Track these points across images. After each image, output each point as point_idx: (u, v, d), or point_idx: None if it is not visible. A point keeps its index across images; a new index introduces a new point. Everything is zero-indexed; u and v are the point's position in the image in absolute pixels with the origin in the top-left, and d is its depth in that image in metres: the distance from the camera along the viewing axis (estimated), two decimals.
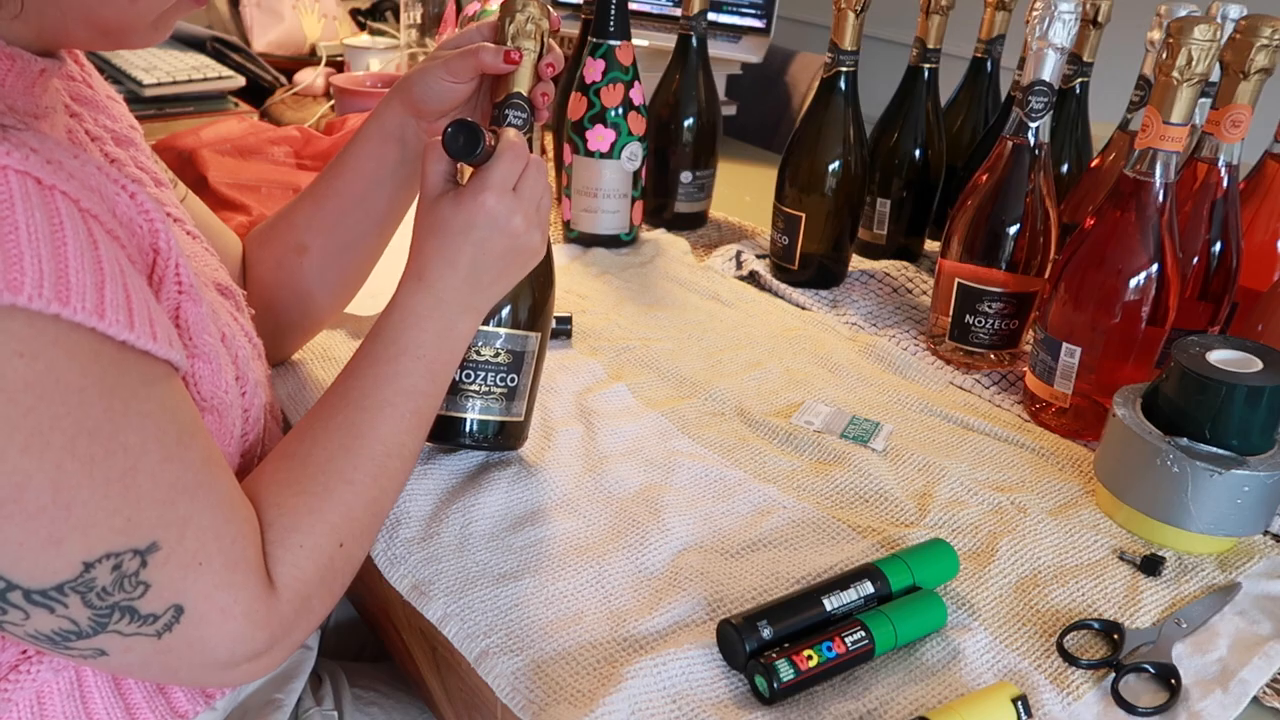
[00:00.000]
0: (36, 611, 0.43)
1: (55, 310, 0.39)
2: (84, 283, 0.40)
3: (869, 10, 0.95)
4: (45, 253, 0.39)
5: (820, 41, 1.06)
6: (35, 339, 0.39)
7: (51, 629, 0.44)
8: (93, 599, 0.43)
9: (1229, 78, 0.75)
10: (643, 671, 0.54)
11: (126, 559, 0.43)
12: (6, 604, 0.42)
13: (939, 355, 0.92)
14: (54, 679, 0.52)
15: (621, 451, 0.74)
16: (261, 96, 1.43)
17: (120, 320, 0.42)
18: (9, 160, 0.39)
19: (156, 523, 0.44)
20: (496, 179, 0.58)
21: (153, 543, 0.44)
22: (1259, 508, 0.65)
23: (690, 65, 1.16)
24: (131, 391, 0.43)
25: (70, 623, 0.44)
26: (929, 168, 1.09)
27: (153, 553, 0.44)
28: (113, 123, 0.62)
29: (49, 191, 0.41)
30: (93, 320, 0.41)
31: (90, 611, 0.43)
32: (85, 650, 0.45)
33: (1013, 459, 0.78)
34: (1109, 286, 0.75)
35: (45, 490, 0.40)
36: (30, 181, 0.40)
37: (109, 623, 0.44)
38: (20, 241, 0.38)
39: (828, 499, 0.71)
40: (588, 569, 0.62)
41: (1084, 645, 0.60)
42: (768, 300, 1.03)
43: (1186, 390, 0.66)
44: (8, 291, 0.38)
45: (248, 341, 0.60)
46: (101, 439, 0.42)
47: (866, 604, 0.58)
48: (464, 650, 0.57)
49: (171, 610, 0.45)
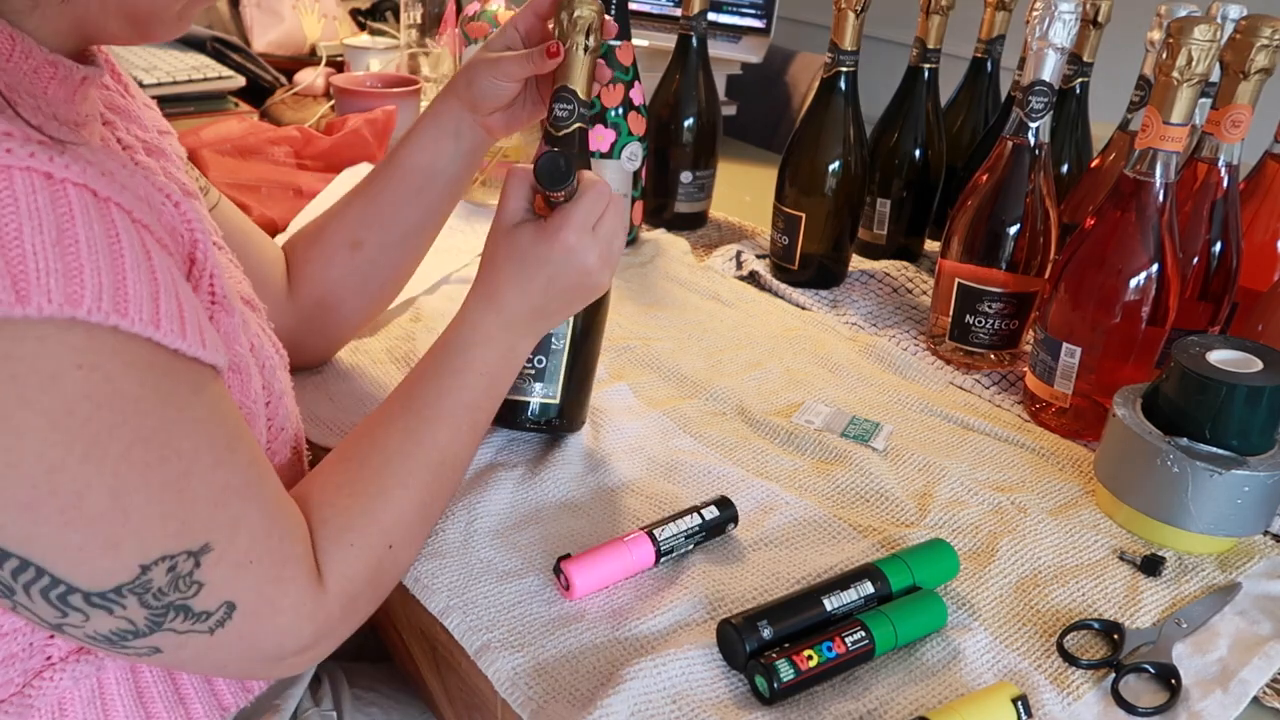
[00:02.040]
0: (96, 613, 0.44)
1: (114, 322, 0.40)
2: (140, 294, 0.41)
3: (869, 10, 0.95)
4: (104, 265, 0.40)
5: (820, 41, 1.07)
6: (94, 350, 0.40)
7: (110, 629, 0.45)
8: (149, 599, 0.44)
9: (1229, 78, 0.75)
10: (643, 672, 0.54)
11: (181, 560, 0.44)
12: (68, 607, 0.43)
13: (939, 355, 0.92)
14: (74, 688, 0.52)
15: (624, 450, 0.74)
16: (261, 96, 1.43)
17: (174, 330, 0.43)
18: (68, 174, 0.40)
19: (209, 525, 0.45)
20: (579, 218, 0.60)
21: (205, 544, 0.45)
22: (1259, 508, 0.65)
23: (690, 65, 1.16)
24: (184, 399, 0.44)
25: (128, 623, 0.45)
26: (929, 168, 1.09)
27: (206, 553, 0.45)
28: (143, 132, 0.62)
29: (104, 204, 0.41)
30: (149, 331, 0.41)
31: (147, 611, 0.45)
32: (141, 648, 0.46)
33: (1013, 459, 0.78)
34: (1109, 286, 0.75)
35: (104, 497, 0.41)
36: (88, 194, 0.40)
37: (164, 621, 0.45)
38: (81, 255, 0.39)
39: (828, 499, 0.71)
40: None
41: (1084, 645, 0.60)
42: (768, 300, 1.03)
43: (1186, 390, 0.66)
44: (68, 304, 0.38)
45: (275, 352, 0.61)
46: (156, 446, 0.43)
47: (867, 604, 0.58)
48: (465, 643, 0.57)
49: (224, 607, 0.47)
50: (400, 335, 0.89)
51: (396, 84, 1.31)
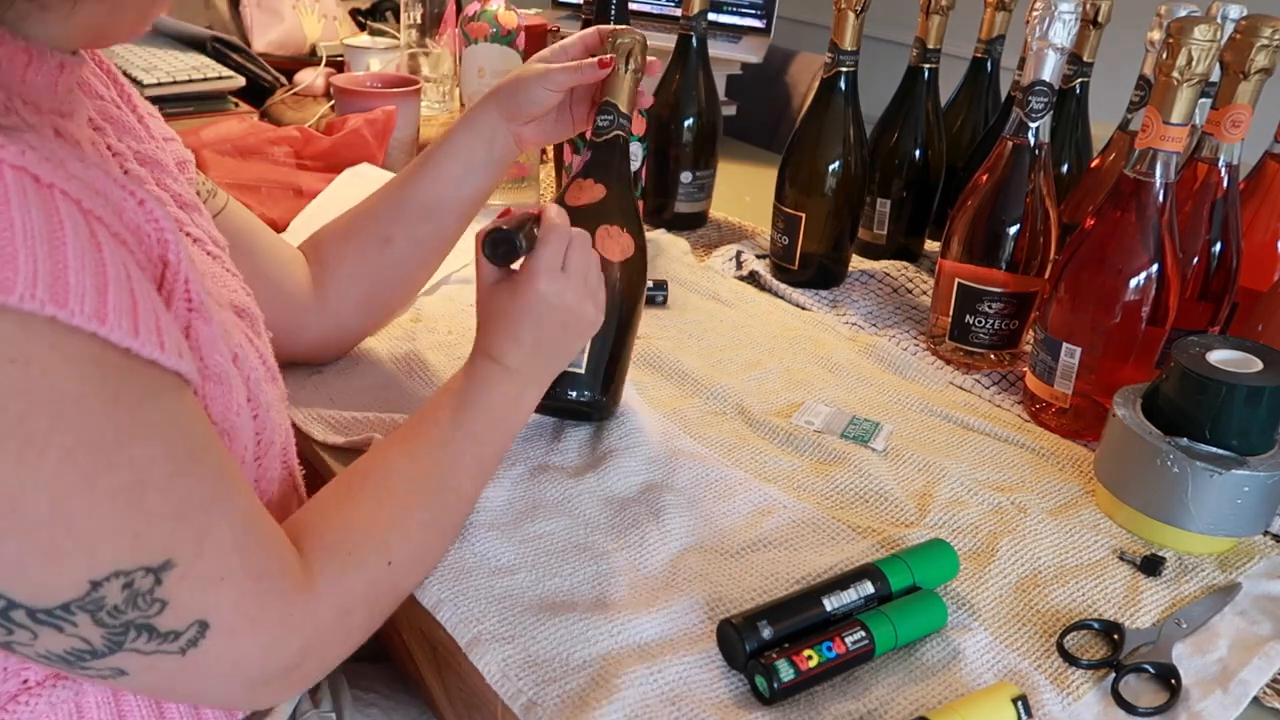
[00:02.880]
0: (44, 631, 0.41)
1: (51, 312, 0.37)
2: (84, 284, 0.38)
3: (869, 10, 0.95)
4: (42, 252, 0.37)
5: (820, 41, 1.07)
6: (27, 342, 0.37)
7: (64, 649, 0.42)
8: (104, 617, 0.41)
9: (1229, 78, 0.75)
10: (642, 670, 0.54)
11: (139, 577, 0.41)
12: (11, 623, 0.41)
13: (939, 355, 0.92)
14: (50, 712, 0.50)
15: (622, 450, 0.74)
16: (261, 96, 1.43)
17: (124, 326, 0.40)
18: (3, 155, 0.37)
19: (169, 539, 0.42)
20: (544, 265, 0.63)
21: (167, 560, 0.42)
22: (1259, 508, 0.65)
23: (690, 65, 1.16)
24: (136, 402, 0.41)
25: (83, 642, 0.42)
26: (929, 168, 1.09)
27: (168, 570, 0.42)
28: (137, 142, 0.61)
29: (47, 190, 0.39)
30: (93, 325, 0.38)
31: (103, 630, 0.42)
32: (104, 670, 0.44)
33: (1013, 459, 0.78)
34: (1109, 286, 0.75)
35: (42, 504, 0.39)
36: (27, 178, 0.38)
37: (125, 641, 0.43)
38: (15, 239, 0.36)
39: (828, 499, 0.71)
40: (587, 567, 0.62)
41: (1084, 645, 0.60)
42: (768, 300, 1.03)
43: (1186, 390, 0.66)
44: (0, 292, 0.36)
45: (261, 363, 0.59)
46: (104, 451, 0.40)
47: (866, 604, 0.58)
48: (456, 635, 0.57)
49: (195, 626, 0.44)
50: (400, 335, 0.89)
51: (396, 84, 1.31)
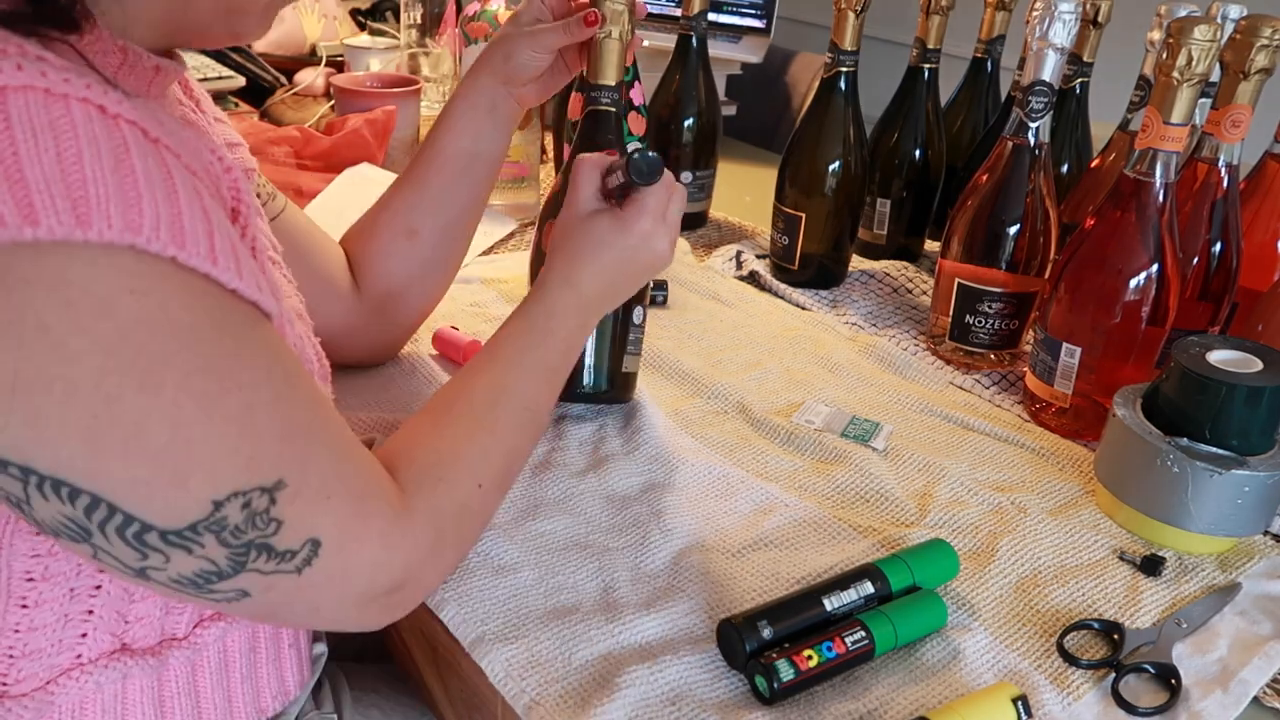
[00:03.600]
0: (175, 553, 0.43)
1: (172, 253, 0.40)
2: (196, 230, 0.41)
3: (869, 10, 0.95)
4: (160, 197, 0.40)
5: (820, 41, 1.07)
6: (148, 276, 0.39)
7: (193, 571, 0.44)
8: (227, 537, 0.43)
9: (1229, 78, 0.75)
10: (642, 670, 0.54)
11: (255, 496, 0.43)
12: (146, 547, 0.43)
13: (939, 355, 0.92)
14: (97, 692, 0.52)
15: (623, 449, 0.74)
16: (261, 96, 1.43)
17: (230, 269, 0.42)
18: (120, 109, 0.40)
19: (279, 460, 0.44)
20: (654, 207, 0.64)
21: (279, 479, 0.44)
22: (1259, 508, 0.65)
23: (690, 65, 1.16)
24: (241, 332, 0.44)
25: (210, 563, 0.44)
26: (929, 168, 1.09)
27: (280, 489, 0.44)
28: None
29: (156, 144, 0.41)
30: (206, 266, 0.41)
31: (227, 550, 0.44)
32: (229, 592, 0.45)
33: (1013, 459, 0.78)
34: (1109, 286, 0.75)
35: (164, 428, 0.41)
36: (139, 132, 0.40)
37: (247, 561, 0.44)
38: (139, 184, 0.39)
39: (828, 499, 0.71)
40: (588, 565, 0.62)
41: (1084, 645, 0.60)
42: (768, 300, 1.03)
43: (1186, 390, 0.66)
44: (128, 231, 0.38)
45: (317, 361, 0.60)
46: (216, 376, 0.42)
47: (867, 604, 0.58)
48: (459, 635, 0.57)
49: (308, 545, 0.46)
50: None
51: (396, 84, 1.31)
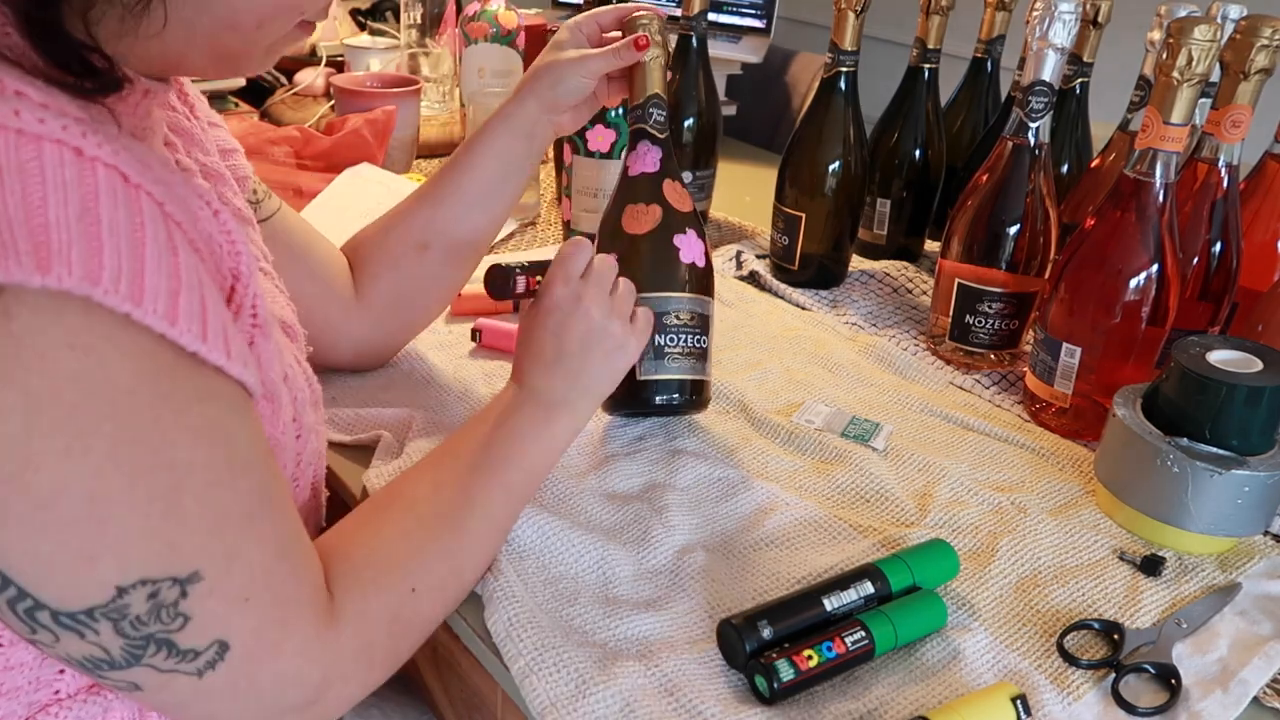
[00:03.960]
0: (65, 635, 0.40)
1: (127, 310, 0.37)
2: (159, 286, 0.39)
3: (869, 10, 0.95)
4: (124, 248, 0.38)
5: (820, 41, 1.06)
6: (90, 331, 0.37)
7: (83, 655, 0.41)
8: (125, 627, 0.40)
9: (1229, 78, 0.75)
10: (641, 668, 0.54)
11: (165, 587, 0.40)
12: (35, 623, 0.40)
13: (939, 355, 0.92)
14: None
15: (623, 450, 0.74)
16: (261, 96, 1.43)
17: (193, 330, 0.40)
18: (99, 152, 0.38)
19: (200, 551, 0.41)
20: (559, 272, 0.63)
21: (194, 571, 0.41)
22: (1259, 508, 0.65)
23: (690, 65, 1.16)
24: (186, 404, 0.41)
25: (102, 651, 0.41)
26: (929, 168, 1.09)
27: (194, 583, 0.41)
28: (204, 155, 0.62)
29: (134, 190, 0.39)
30: (163, 326, 0.39)
31: (123, 640, 0.41)
32: (120, 682, 0.43)
33: (1013, 459, 0.78)
34: (1109, 287, 0.75)
35: (81, 500, 0.38)
36: (116, 176, 0.39)
37: (144, 655, 0.41)
38: (102, 233, 0.37)
39: (829, 499, 0.71)
40: (589, 566, 0.62)
41: (1084, 645, 0.60)
42: (768, 300, 1.03)
43: (1186, 390, 0.66)
44: (86, 281, 0.36)
45: (307, 385, 0.59)
46: (147, 450, 0.39)
47: (867, 604, 0.58)
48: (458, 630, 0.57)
49: (215, 646, 0.43)
50: None
51: (396, 84, 1.31)
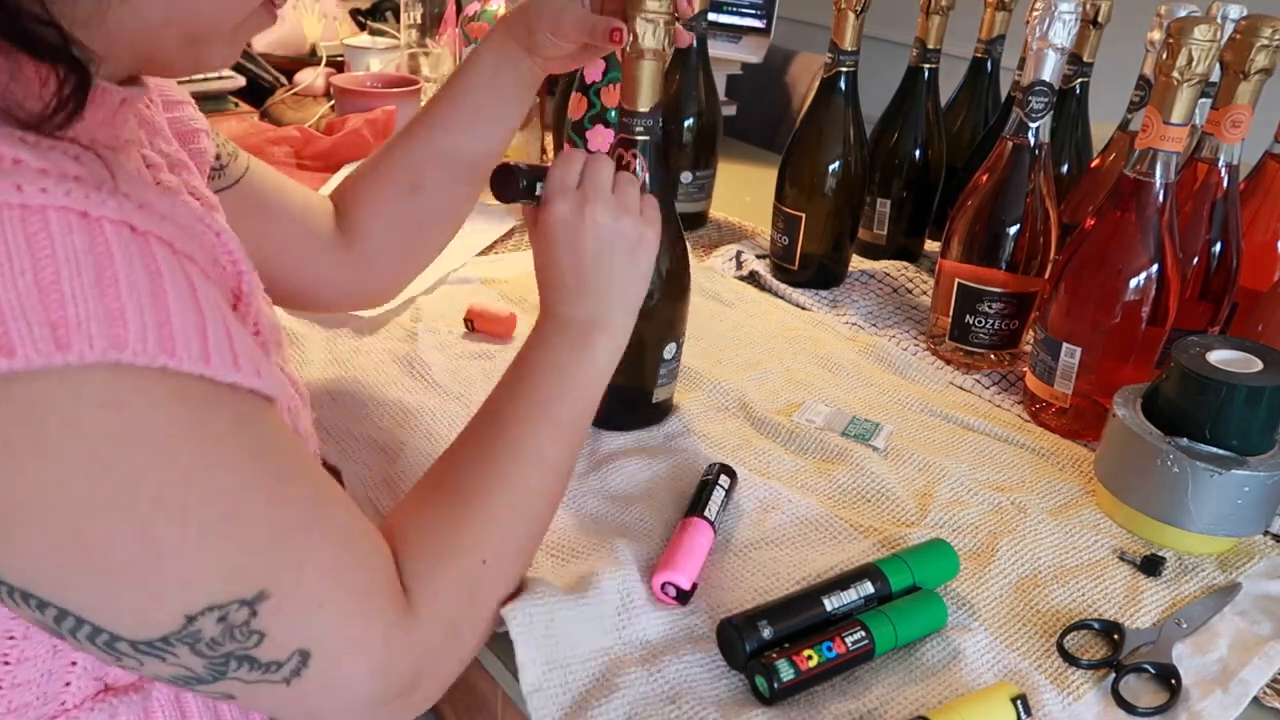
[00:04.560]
0: (148, 660, 0.41)
1: (162, 363, 0.38)
2: (188, 329, 0.39)
3: (869, 10, 0.95)
4: (147, 303, 0.38)
5: (820, 41, 1.06)
6: (119, 388, 0.37)
7: (170, 674, 0.42)
8: (202, 649, 0.41)
9: (1229, 78, 0.75)
10: (642, 670, 0.54)
11: (233, 610, 0.41)
12: (117, 653, 0.41)
13: (939, 355, 0.92)
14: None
15: (622, 450, 0.74)
16: (261, 96, 1.43)
17: (226, 363, 0.40)
18: (104, 211, 0.38)
19: (266, 569, 0.42)
20: (555, 185, 0.58)
21: (260, 591, 0.41)
22: (1259, 508, 0.65)
23: (690, 65, 1.16)
24: (225, 432, 0.41)
25: (187, 670, 0.42)
26: (929, 168, 1.09)
27: (261, 601, 0.41)
28: (167, 145, 0.60)
29: (144, 238, 0.39)
30: (200, 367, 0.39)
31: (204, 660, 0.41)
32: (214, 693, 0.43)
33: (1013, 459, 0.78)
34: (1109, 286, 0.75)
35: (134, 546, 0.39)
36: (125, 231, 0.38)
37: (227, 671, 0.42)
38: (122, 295, 0.37)
39: (829, 498, 0.71)
40: (588, 566, 0.62)
41: (1084, 645, 0.60)
42: (768, 300, 1.03)
43: (1186, 390, 0.66)
44: (113, 348, 0.36)
45: (295, 391, 0.58)
46: (195, 486, 0.40)
47: (867, 604, 0.58)
48: None
49: (296, 656, 0.43)
50: (401, 335, 0.89)
51: (396, 84, 1.31)
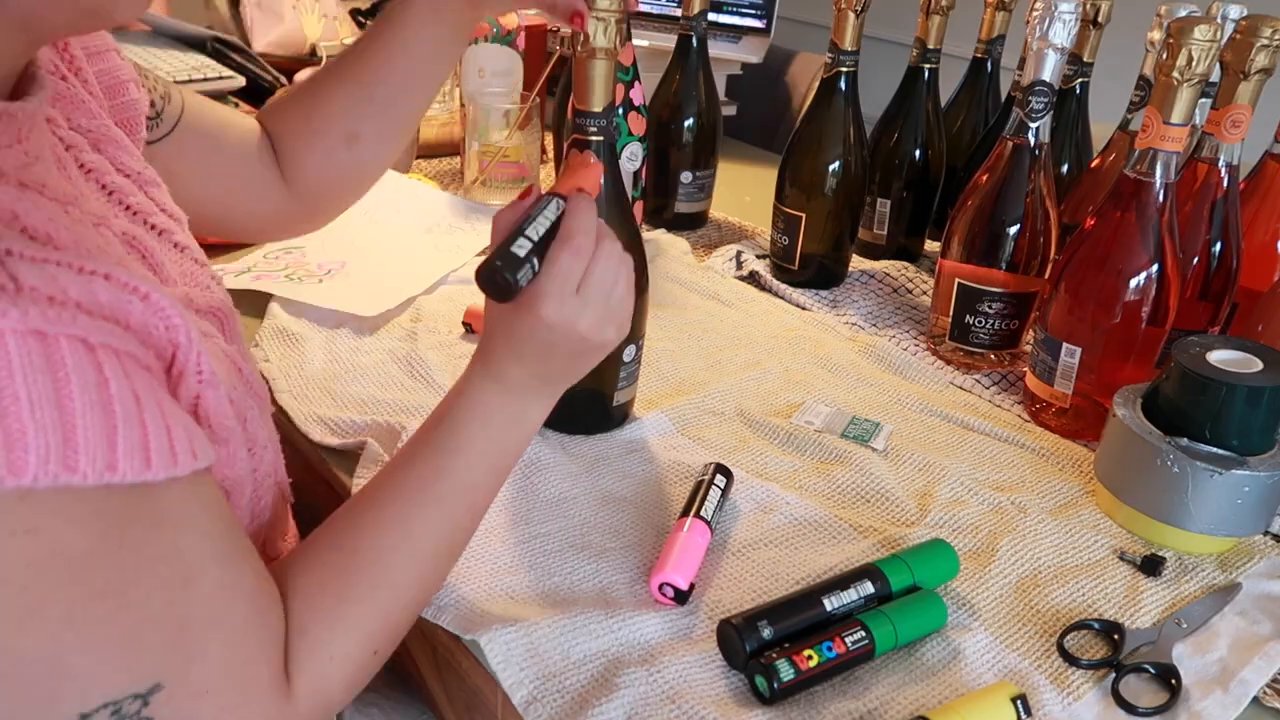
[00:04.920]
0: None
1: (64, 482, 0.37)
2: (93, 440, 0.38)
3: (869, 10, 0.95)
4: (50, 420, 0.36)
5: (820, 41, 1.06)
6: (34, 513, 0.37)
7: None
8: None
9: (1229, 78, 0.75)
10: (642, 670, 0.54)
11: (126, 704, 0.41)
12: None
13: (939, 355, 0.92)
14: None
15: (621, 451, 0.74)
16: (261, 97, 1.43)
17: (136, 464, 0.39)
18: (5, 323, 0.36)
19: (159, 665, 0.42)
20: (553, 288, 0.52)
21: (155, 685, 0.42)
22: (1259, 508, 0.65)
23: (690, 65, 1.16)
24: (141, 538, 0.41)
25: None
26: (929, 168, 1.09)
27: (155, 693, 0.42)
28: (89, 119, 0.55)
29: (52, 342, 0.37)
30: (106, 476, 0.38)
31: None
32: None
33: (1013, 459, 0.78)
34: (1109, 286, 0.75)
35: (41, 663, 0.39)
36: (30, 339, 0.37)
37: None
38: (22, 415, 0.36)
39: (829, 499, 0.71)
40: (586, 566, 0.62)
41: (1084, 645, 0.60)
42: (768, 300, 1.03)
43: (1186, 390, 0.66)
44: (10, 476, 0.35)
45: (252, 396, 0.56)
46: (104, 599, 0.40)
47: (867, 604, 0.58)
48: (459, 630, 0.57)
49: None
50: (400, 335, 0.89)
51: None
